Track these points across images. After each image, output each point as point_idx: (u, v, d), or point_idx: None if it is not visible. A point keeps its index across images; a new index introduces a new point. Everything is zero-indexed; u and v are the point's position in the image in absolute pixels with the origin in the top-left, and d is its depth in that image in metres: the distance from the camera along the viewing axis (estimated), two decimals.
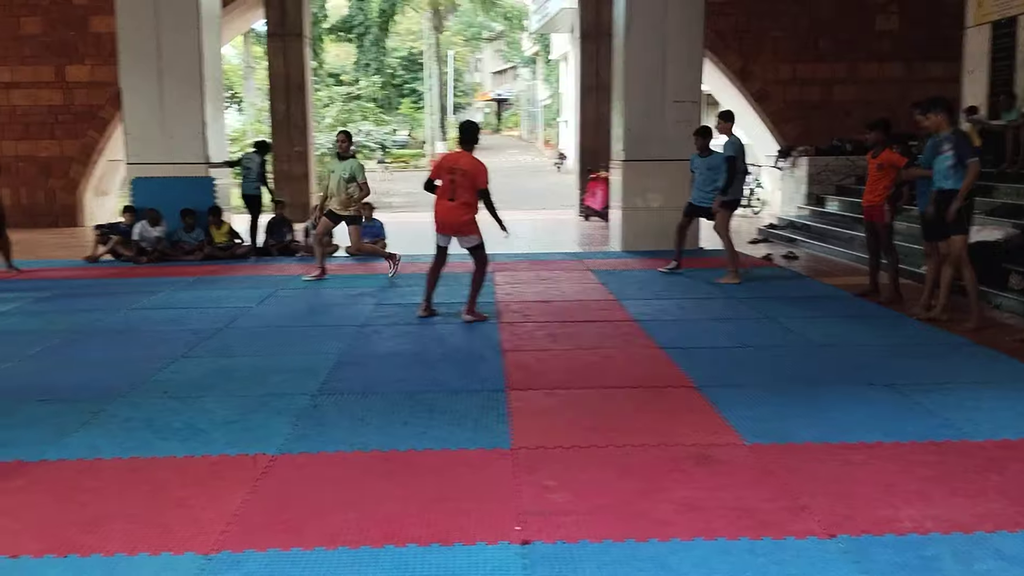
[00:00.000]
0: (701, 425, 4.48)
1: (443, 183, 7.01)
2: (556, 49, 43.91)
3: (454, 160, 7.05)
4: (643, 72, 11.40)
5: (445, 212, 7.02)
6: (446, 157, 7.13)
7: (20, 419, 4.65)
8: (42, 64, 15.88)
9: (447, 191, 6.97)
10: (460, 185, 6.90)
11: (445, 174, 7.00)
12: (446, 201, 6.98)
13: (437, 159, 7.29)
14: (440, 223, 7.10)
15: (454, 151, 7.12)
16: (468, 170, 6.90)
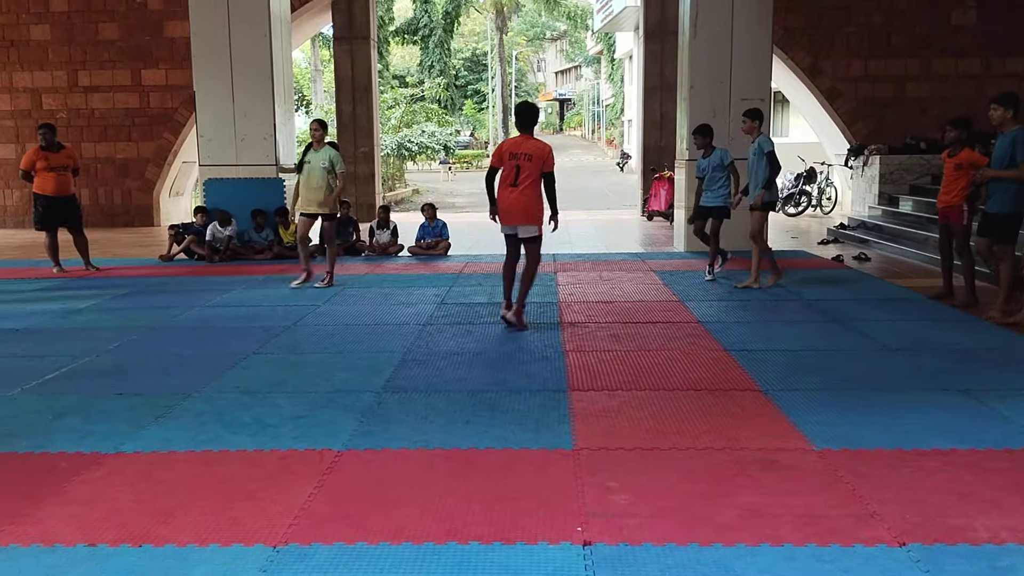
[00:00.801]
0: (767, 429, 4.42)
1: (506, 169, 6.69)
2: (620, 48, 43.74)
3: (516, 144, 6.69)
4: (709, 70, 11.27)
5: (510, 199, 6.70)
6: (507, 142, 6.76)
7: (98, 412, 4.80)
8: (119, 68, 16.37)
9: (510, 176, 6.66)
10: (525, 169, 6.61)
11: (507, 159, 6.66)
12: (509, 187, 6.68)
13: (500, 145, 6.85)
14: (505, 212, 6.76)
15: (518, 136, 6.76)
16: (533, 153, 6.60)
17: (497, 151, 6.78)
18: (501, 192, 6.74)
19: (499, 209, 6.79)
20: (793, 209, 17.27)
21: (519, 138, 6.73)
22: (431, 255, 11.26)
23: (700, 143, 9.12)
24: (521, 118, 6.81)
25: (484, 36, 53.97)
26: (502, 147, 6.75)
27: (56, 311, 7.84)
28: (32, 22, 16.32)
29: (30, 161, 10.13)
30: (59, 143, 10.37)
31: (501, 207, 6.77)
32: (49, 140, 10.17)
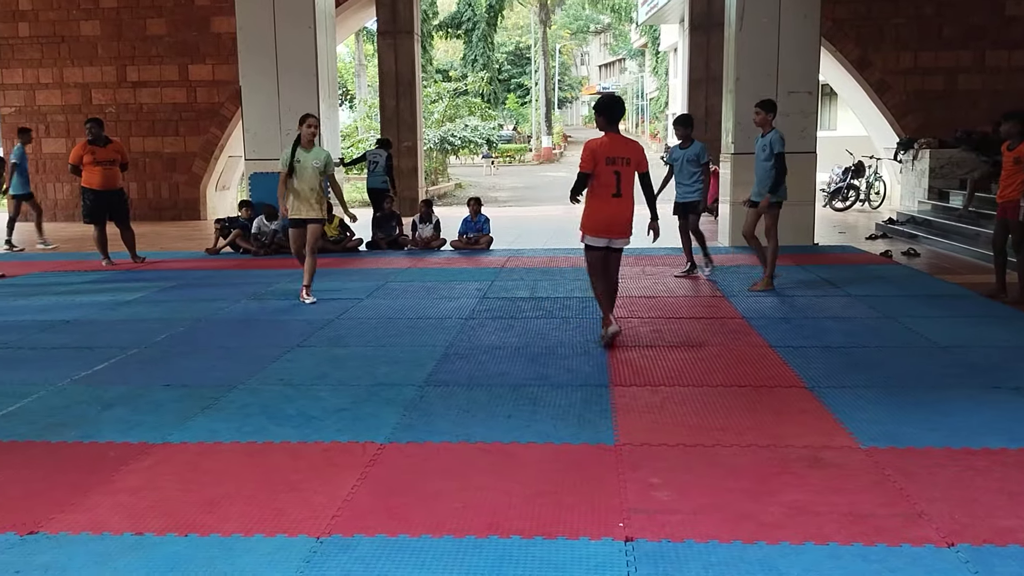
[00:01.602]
0: (813, 427, 4.35)
1: (603, 176, 5.87)
2: (665, 40, 43.37)
3: (611, 146, 5.89)
4: (755, 62, 11.13)
5: (616, 211, 5.92)
6: (599, 145, 5.89)
7: (146, 403, 4.88)
8: (167, 64, 16.63)
9: (611, 185, 5.86)
10: (625, 176, 5.90)
11: (604, 165, 5.86)
12: (613, 198, 5.88)
13: (591, 146, 5.90)
14: (610, 225, 5.96)
15: (605, 136, 5.95)
16: (631, 156, 5.92)
17: (589, 155, 5.89)
18: (601, 204, 5.93)
19: (601, 222, 5.97)
20: (841, 204, 17.01)
21: (611, 139, 5.95)
22: (473, 249, 11.28)
23: (681, 133, 8.88)
24: (608, 113, 5.97)
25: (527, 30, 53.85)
26: (595, 150, 5.88)
27: (105, 303, 7.99)
28: (82, 18, 16.63)
29: (78, 155, 10.33)
30: (106, 137, 10.56)
31: (603, 220, 5.96)
32: (96, 134, 10.36)
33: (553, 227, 14.63)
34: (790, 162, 10.96)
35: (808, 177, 11.34)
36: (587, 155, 5.89)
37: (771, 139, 8.00)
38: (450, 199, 24.80)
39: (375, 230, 11.87)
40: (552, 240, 12.52)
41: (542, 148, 45.31)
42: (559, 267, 9.83)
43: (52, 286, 9.05)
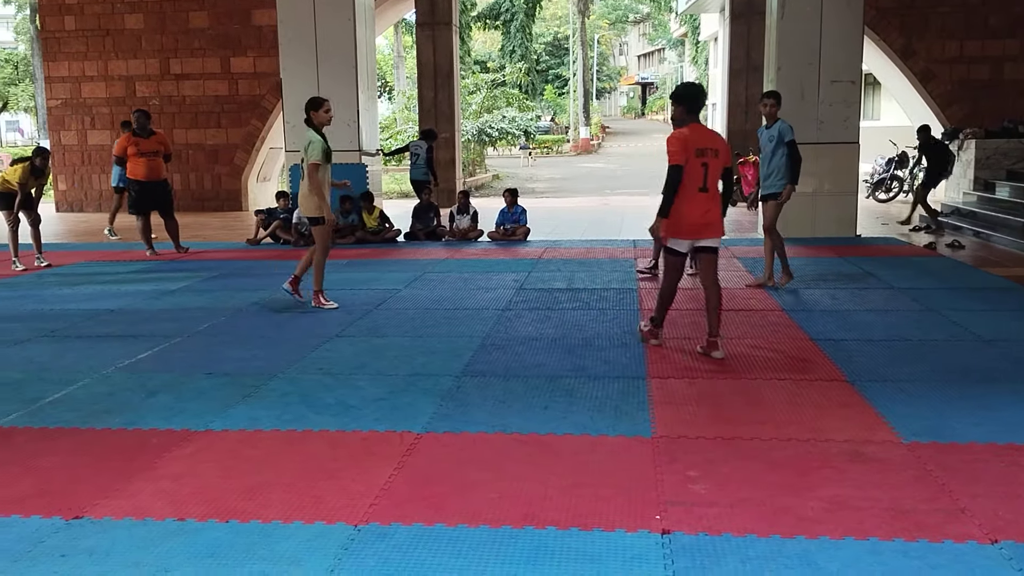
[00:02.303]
0: (854, 420, 4.30)
1: (692, 168, 5.37)
2: (705, 29, 42.95)
3: (700, 136, 5.42)
4: (797, 51, 10.97)
5: (705, 208, 5.45)
6: (689, 134, 5.39)
7: (189, 391, 4.96)
8: (209, 56, 16.81)
9: (698, 179, 5.38)
10: (713, 169, 5.42)
11: (693, 157, 5.36)
12: (700, 193, 5.41)
13: (679, 137, 5.38)
14: (699, 225, 5.47)
15: (689, 127, 5.45)
16: (719, 148, 5.47)
17: (680, 146, 5.36)
18: (692, 199, 5.41)
19: (688, 222, 5.46)
20: (884, 195, 16.73)
21: (696, 130, 5.47)
22: (510, 240, 11.28)
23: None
24: (689, 103, 5.51)
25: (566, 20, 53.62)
26: (685, 141, 5.37)
27: (149, 292, 8.12)
28: (126, 11, 16.87)
29: (122, 147, 10.51)
30: (151, 129, 10.72)
31: (693, 219, 5.45)
32: (141, 125, 10.52)
33: (590, 218, 14.58)
34: (833, 152, 10.89)
35: (851, 168, 11.19)
36: (678, 146, 5.36)
37: (780, 129, 7.70)
38: (487, 190, 24.82)
39: (413, 221, 11.92)
40: (589, 231, 12.48)
41: (580, 139, 45.14)
42: (596, 258, 9.80)
43: (97, 275, 9.22)
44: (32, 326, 6.73)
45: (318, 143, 6.89)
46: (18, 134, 56.14)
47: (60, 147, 17.52)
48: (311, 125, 6.99)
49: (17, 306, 7.59)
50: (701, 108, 5.61)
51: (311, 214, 7.11)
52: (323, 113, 7.00)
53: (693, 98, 5.54)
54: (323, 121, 7.00)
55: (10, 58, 48.82)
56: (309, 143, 6.92)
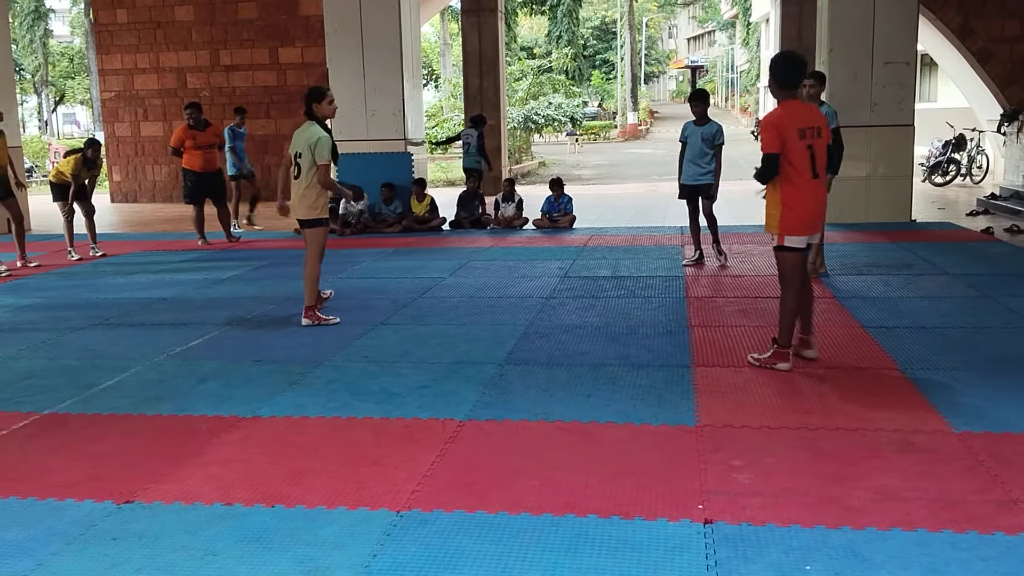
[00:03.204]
0: (904, 409, 4.21)
1: (795, 153, 4.69)
2: (756, 11, 42.31)
3: (800, 115, 4.76)
4: (850, 32, 10.73)
5: (819, 197, 4.86)
6: (786, 113, 4.75)
7: (237, 378, 5.05)
8: (257, 47, 17.00)
9: (805, 165, 4.69)
10: (819, 151, 4.76)
11: (796, 140, 4.68)
12: (811, 180, 4.73)
13: (772, 120, 4.76)
14: (814, 218, 4.88)
15: (784, 106, 4.79)
16: (821, 125, 4.80)
17: (774, 130, 4.70)
18: (803, 191, 4.75)
19: (805, 216, 4.81)
20: (941, 178, 16.34)
21: (793, 107, 4.80)
22: (555, 228, 11.24)
23: (697, 111, 8.22)
24: (786, 75, 4.80)
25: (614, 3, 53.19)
26: (781, 124, 4.69)
27: (200, 281, 8.27)
28: (176, 3, 17.13)
29: (179, 139, 10.70)
30: (205, 120, 10.91)
31: (809, 212, 4.82)
32: (196, 118, 10.70)
33: (637, 205, 14.47)
34: (887, 135, 10.65)
35: (906, 151, 10.94)
36: (771, 131, 4.70)
37: (825, 113, 6.64)
38: (534, 177, 24.77)
39: (458, 209, 11.95)
40: (636, 218, 12.39)
41: (628, 124, 44.82)
42: (642, 245, 9.73)
43: (151, 265, 9.41)
44: (87, 314, 6.90)
45: (326, 140, 6.13)
46: (75, 126, 57.46)
47: (114, 139, 17.89)
48: (313, 118, 6.22)
49: (73, 295, 7.79)
50: (800, 82, 4.95)
51: (309, 215, 6.29)
52: (327, 105, 6.25)
53: (789, 69, 4.79)
54: (327, 114, 6.27)
55: (66, 51, 49.93)
56: (317, 140, 6.09)
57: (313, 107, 6.21)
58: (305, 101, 6.26)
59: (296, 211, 6.37)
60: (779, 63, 4.85)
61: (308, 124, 6.23)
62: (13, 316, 6.98)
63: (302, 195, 6.26)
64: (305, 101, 6.26)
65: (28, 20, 44.06)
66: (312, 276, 6.37)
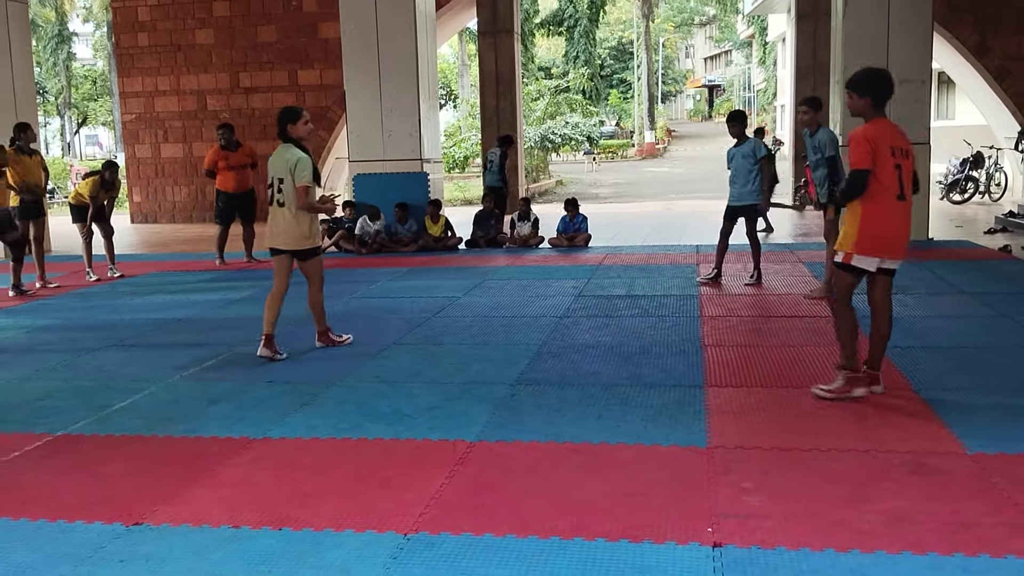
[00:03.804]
0: (918, 431, 4.17)
1: (885, 173, 4.47)
2: (773, 30, 42.36)
3: (891, 133, 4.54)
4: (863, 51, 10.70)
5: (903, 220, 4.60)
6: (877, 131, 4.50)
7: (249, 399, 5.06)
8: (277, 69, 17.19)
9: (894, 185, 4.49)
10: (906, 172, 4.55)
11: (887, 157, 4.47)
12: (896, 202, 4.51)
13: (865, 135, 4.49)
14: (894, 240, 4.61)
15: (874, 123, 4.55)
16: (909, 148, 4.62)
17: (867, 145, 4.46)
18: (886, 210, 4.52)
19: (883, 236, 4.58)
20: (959, 196, 16.24)
21: (886, 125, 4.57)
22: (571, 247, 11.25)
23: (736, 131, 8.24)
24: (877, 93, 4.59)
25: (630, 24, 53.38)
26: (874, 139, 4.47)
27: (216, 301, 8.32)
28: (197, 27, 17.36)
29: (212, 161, 10.83)
30: (237, 141, 11.05)
31: (889, 233, 4.58)
32: (228, 139, 10.85)
33: (653, 223, 14.47)
34: None
35: (922, 169, 10.84)
36: (864, 146, 4.46)
37: (819, 140, 7.20)
38: (551, 196, 24.81)
39: (474, 228, 11.98)
40: (652, 237, 12.38)
41: (645, 143, 44.86)
42: (657, 264, 9.71)
43: (167, 285, 9.48)
44: (103, 335, 6.95)
45: (307, 161, 5.87)
46: (97, 148, 58.16)
47: (134, 160, 18.10)
48: (289, 140, 5.94)
49: (90, 316, 7.86)
50: (888, 99, 4.64)
51: (303, 246, 6.04)
52: (302, 125, 5.97)
53: (879, 86, 4.59)
54: (302, 134, 5.98)
55: (89, 74, 50.60)
56: (297, 161, 5.82)
57: (288, 128, 5.94)
58: (279, 123, 5.98)
59: (287, 242, 6.01)
60: (875, 80, 4.62)
61: (284, 147, 5.94)
62: (30, 337, 7.05)
63: (292, 224, 5.95)
64: (279, 123, 5.98)
65: (52, 43, 44.75)
66: (318, 303, 6.30)
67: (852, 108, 4.70)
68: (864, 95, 4.61)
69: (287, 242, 6.01)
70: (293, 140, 5.95)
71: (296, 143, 5.94)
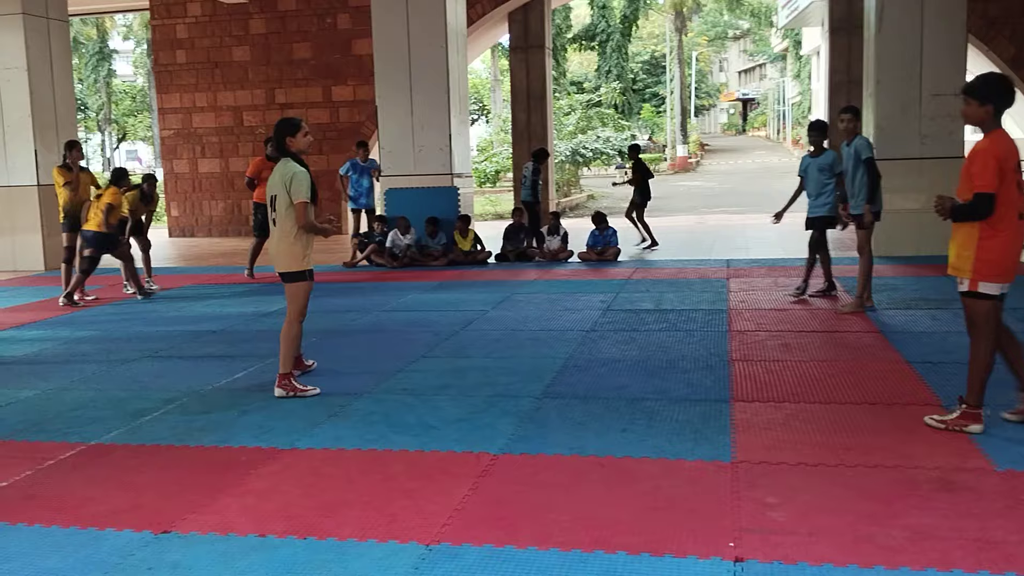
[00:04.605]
0: (946, 447, 4.12)
1: (1008, 192, 4.15)
2: (807, 44, 42.13)
3: (1011, 150, 4.18)
4: (897, 64, 10.66)
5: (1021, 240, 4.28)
6: (1004, 144, 4.18)
7: (278, 410, 5.13)
8: (311, 86, 17.43)
9: (1018, 202, 4.18)
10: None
11: (1011, 174, 4.14)
12: (1017, 220, 4.20)
13: (992, 151, 4.15)
14: (1017, 261, 4.27)
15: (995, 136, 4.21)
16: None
17: (996, 164, 4.11)
18: (1012, 231, 4.19)
19: (1011, 259, 4.24)
20: None
21: (1005, 137, 4.22)
22: (601, 261, 11.25)
23: (815, 139, 8.15)
24: (1000, 101, 4.23)
25: (663, 38, 53.34)
26: (1001, 156, 4.12)
27: (249, 314, 8.43)
28: (234, 44, 17.67)
29: (256, 169, 10.92)
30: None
31: (1009, 255, 4.23)
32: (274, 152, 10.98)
33: (684, 238, 14.43)
34: (938, 168, 10.49)
35: (955, 184, 10.74)
36: (993, 164, 4.10)
37: (856, 146, 7.38)
38: (582, 210, 24.80)
39: (504, 242, 12.03)
40: (681, 251, 12.34)
41: (677, 157, 44.73)
42: (687, 278, 9.69)
43: (202, 298, 9.63)
44: (138, 346, 7.08)
45: (303, 176, 5.41)
46: (136, 163, 59.20)
47: (172, 175, 18.41)
48: (287, 154, 5.50)
49: (126, 327, 8.00)
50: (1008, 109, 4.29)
51: (289, 268, 5.53)
52: (301, 138, 5.51)
53: (1006, 94, 4.23)
54: (302, 147, 5.53)
55: (129, 90, 51.56)
56: (292, 177, 5.37)
57: (287, 141, 5.47)
58: (275, 135, 5.52)
59: (276, 262, 5.58)
60: (999, 86, 4.26)
61: (283, 161, 5.48)
62: (68, 348, 7.20)
63: (287, 244, 5.48)
64: (275, 135, 5.52)
65: (93, 61, 45.68)
66: (289, 337, 5.56)
67: (970, 116, 4.30)
68: (986, 102, 4.21)
69: (284, 265, 5.53)
70: (292, 154, 5.49)
71: (294, 157, 5.48)
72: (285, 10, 17.42)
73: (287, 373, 5.52)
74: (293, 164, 5.44)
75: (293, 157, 5.48)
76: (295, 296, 5.59)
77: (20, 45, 12.62)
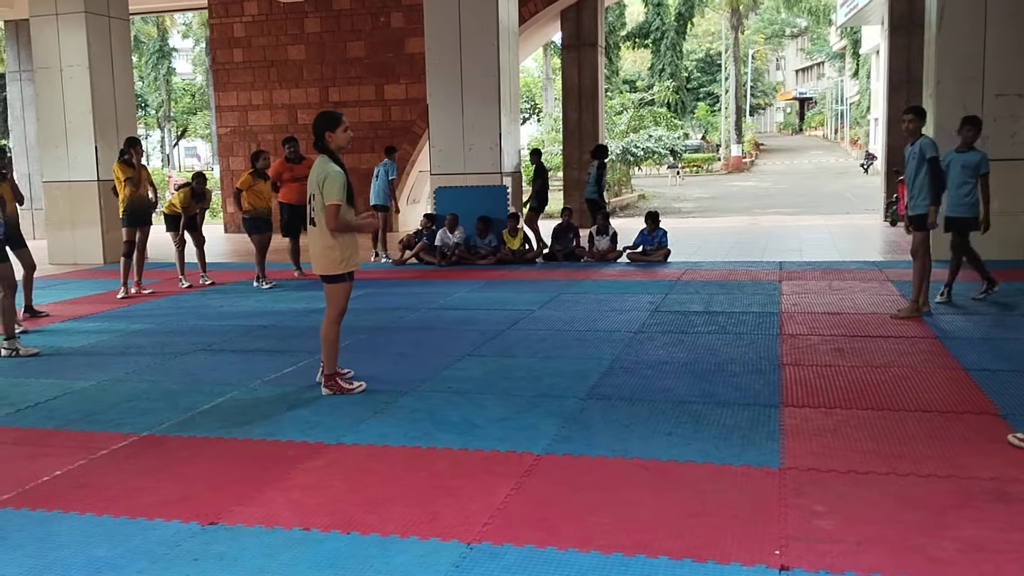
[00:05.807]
0: (1003, 457, 4.01)
1: None
2: (866, 43, 41.31)
3: None
4: (959, 64, 10.39)
5: None
6: None
7: (325, 405, 5.19)
8: (365, 84, 17.59)
9: None
10: None
11: None
12: None
13: None
14: None
15: None
16: None
17: None
18: None
19: None
20: None
21: None
22: (649, 261, 11.17)
23: (969, 135, 7.88)
24: None
25: (719, 36, 52.77)
26: None
27: (300, 310, 8.54)
28: (289, 43, 17.90)
29: (276, 172, 11.10)
30: (301, 155, 11.30)
31: None
32: (295, 151, 11.11)
33: (736, 239, 14.26)
34: (999, 170, 10.19)
35: (1018, 186, 10.46)
36: None
37: (921, 145, 7.26)
38: (632, 210, 24.68)
39: (552, 242, 12.01)
40: (733, 253, 12.20)
41: (731, 157, 44.23)
42: (738, 280, 9.57)
43: (254, 293, 9.78)
44: (192, 340, 7.21)
45: (337, 176, 5.16)
46: (195, 159, 60.35)
47: (228, 172, 18.72)
48: (325, 151, 5.25)
49: (180, 321, 8.16)
50: None
51: (327, 271, 5.36)
52: (341, 133, 5.25)
53: None
54: (342, 143, 5.28)
55: (188, 88, 52.61)
56: (325, 177, 5.15)
57: (326, 136, 5.22)
58: (315, 131, 5.24)
59: (314, 263, 5.42)
60: None
61: (320, 159, 5.25)
62: (124, 340, 7.36)
63: (324, 246, 5.31)
64: (315, 131, 5.24)
65: (153, 59, 46.71)
66: (328, 338, 5.43)
67: None
68: None
69: (322, 267, 5.36)
70: (330, 151, 5.24)
71: (332, 155, 5.24)
72: (340, 9, 17.61)
73: (332, 373, 5.50)
74: (330, 164, 5.20)
75: (330, 155, 5.24)
76: (333, 297, 5.45)
77: (82, 43, 12.95)
